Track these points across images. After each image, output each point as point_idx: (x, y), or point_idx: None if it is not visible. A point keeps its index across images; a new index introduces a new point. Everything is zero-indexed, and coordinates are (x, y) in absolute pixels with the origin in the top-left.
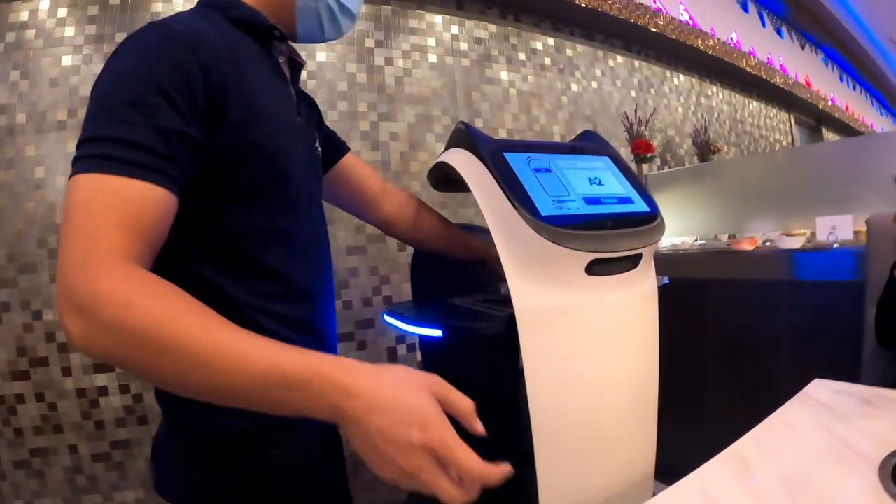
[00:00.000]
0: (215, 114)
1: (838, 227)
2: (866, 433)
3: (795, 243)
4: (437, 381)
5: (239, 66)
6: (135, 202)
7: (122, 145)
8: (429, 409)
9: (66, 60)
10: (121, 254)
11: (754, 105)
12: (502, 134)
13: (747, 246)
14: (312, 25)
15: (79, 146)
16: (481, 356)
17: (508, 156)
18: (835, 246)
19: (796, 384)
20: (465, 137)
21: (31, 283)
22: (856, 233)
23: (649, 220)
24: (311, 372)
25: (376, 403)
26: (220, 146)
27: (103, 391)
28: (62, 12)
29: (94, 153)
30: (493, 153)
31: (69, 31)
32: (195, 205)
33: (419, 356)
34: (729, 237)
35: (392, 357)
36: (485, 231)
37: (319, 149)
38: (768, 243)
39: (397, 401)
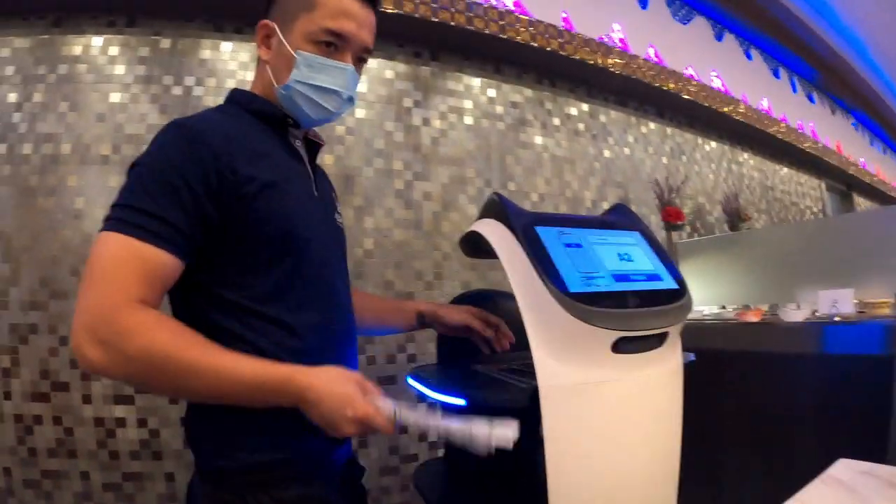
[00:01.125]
0: (228, 189)
1: (839, 302)
2: None
3: (798, 316)
4: (358, 376)
5: (252, 149)
6: (152, 263)
7: (148, 216)
8: (355, 394)
9: (115, 97)
10: (139, 300)
11: (785, 171)
12: (534, 198)
13: (752, 318)
14: (296, 111)
15: (113, 208)
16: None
17: (540, 230)
18: (836, 319)
19: (820, 462)
20: (498, 208)
21: (61, 309)
22: (866, 304)
23: (677, 297)
24: (283, 378)
25: (323, 394)
26: (236, 215)
27: (121, 422)
28: (114, 50)
29: (126, 218)
30: (525, 227)
31: (119, 69)
32: (216, 266)
33: None
34: (743, 307)
35: None
36: (510, 297)
37: (341, 218)
38: (771, 315)
39: (335, 391)
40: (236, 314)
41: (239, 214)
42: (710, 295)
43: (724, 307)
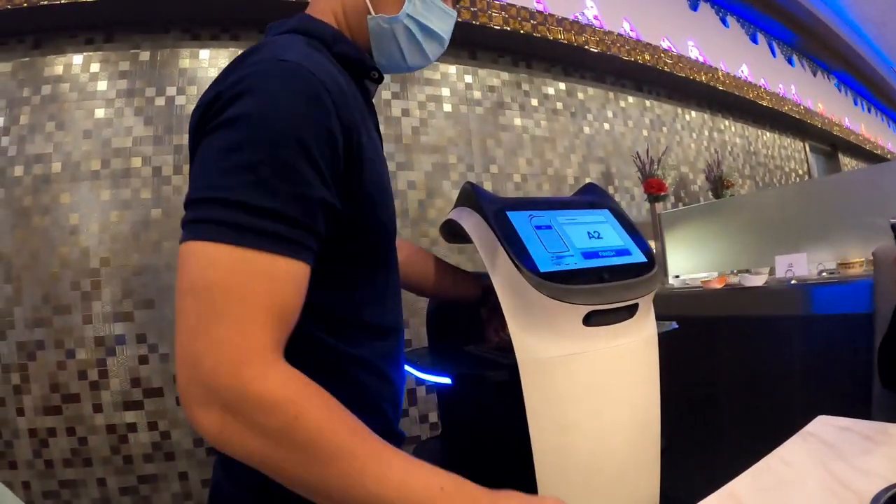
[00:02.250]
0: (351, 177)
1: (794, 265)
2: (862, 469)
3: (759, 281)
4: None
5: (364, 123)
6: (281, 283)
7: (261, 215)
8: None
9: (99, 113)
10: (272, 349)
11: (768, 136)
12: (517, 179)
13: (716, 285)
14: (391, 51)
15: (210, 204)
16: (490, 400)
17: (511, 214)
18: (792, 282)
19: (808, 419)
20: (471, 197)
21: (65, 324)
22: (846, 264)
23: (645, 269)
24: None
25: None
26: (350, 211)
27: (132, 427)
28: (95, 67)
29: (240, 221)
30: (497, 213)
31: (102, 84)
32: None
33: (437, 398)
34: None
35: (412, 398)
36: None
37: None
38: (732, 282)
39: None
40: (332, 322)
41: (351, 208)
42: (696, 263)
43: (732, 272)
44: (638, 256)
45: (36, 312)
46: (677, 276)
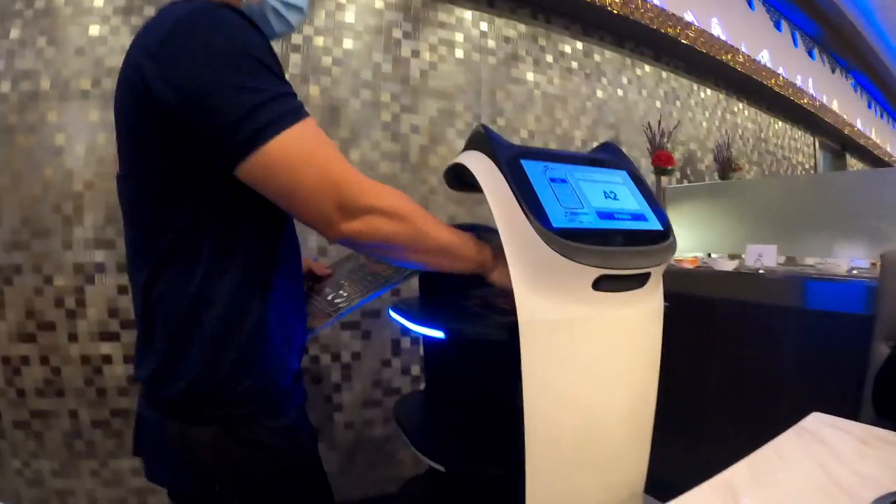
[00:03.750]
0: None
1: (764, 255)
2: (860, 474)
3: (729, 266)
4: None
5: None
6: (322, 132)
7: (293, 97)
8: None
9: (94, 30)
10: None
11: (779, 125)
12: (524, 135)
13: (688, 264)
14: (263, 25)
15: (260, 109)
16: (482, 360)
17: (525, 163)
18: (760, 271)
19: (796, 413)
20: (483, 140)
21: (44, 248)
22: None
23: (661, 238)
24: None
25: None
26: None
27: (107, 359)
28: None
29: (288, 108)
30: (510, 159)
31: (98, 1)
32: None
33: (422, 350)
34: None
35: (396, 349)
36: (494, 232)
37: None
38: (705, 263)
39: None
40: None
41: None
42: (695, 242)
43: (709, 255)
44: (654, 223)
45: (15, 235)
46: (741, 258)
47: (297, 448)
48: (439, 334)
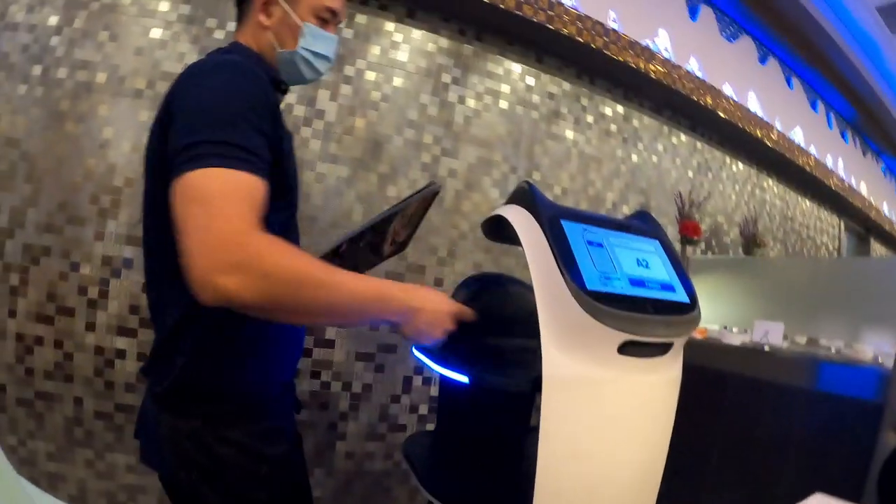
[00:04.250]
0: (276, 129)
1: (770, 333)
2: None
3: (736, 340)
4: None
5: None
6: (257, 191)
7: (240, 149)
8: (444, 297)
9: (155, 33)
10: (258, 227)
11: (807, 205)
12: (557, 191)
13: (697, 335)
14: (293, 72)
15: (197, 144)
16: (500, 406)
17: (565, 224)
18: (766, 348)
19: (796, 491)
20: (527, 197)
21: (76, 235)
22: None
23: (687, 310)
24: (396, 290)
25: (426, 300)
26: (275, 156)
27: (121, 354)
28: None
29: (223, 153)
30: (552, 218)
31: (164, 5)
32: None
33: (433, 390)
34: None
35: (407, 386)
36: (518, 283)
37: None
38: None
39: (431, 296)
40: None
41: (275, 156)
42: (714, 314)
43: (725, 327)
44: (682, 295)
45: (49, 217)
46: (745, 331)
47: (274, 452)
48: (464, 379)
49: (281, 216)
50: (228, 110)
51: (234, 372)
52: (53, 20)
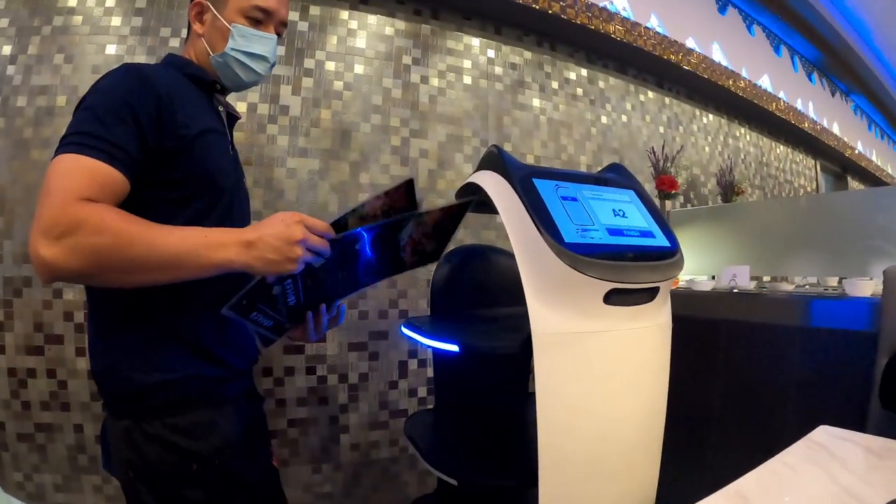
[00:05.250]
0: (169, 129)
1: (738, 276)
2: (869, 482)
3: (707, 286)
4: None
5: (190, 102)
6: (101, 175)
7: (100, 139)
8: (290, 214)
9: (111, 49)
10: (89, 198)
11: (781, 149)
12: (530, 160)
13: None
14: (229, 75)
15: (65, 137)
16: (495, 374)
17: (537, 182)
18: (734, 290)
19: (801, 430)
20: (496, 161)
21: None
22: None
23: (669, 255)
24: (226, 231)
25: (262, 226)
26: (171, 152)
27: None
28: (110, 2)
29: (78, 142)
30: (523, 178)
31: (115, 20)
32: (145, 195)
33: (430, 372)
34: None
35: (403, 371)
36: (501, 252)
37: (246, 183)
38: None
39: (272, 220)
40: None
41: (174, 152)
42: (698, 264)
43: (713, 277)
44: (662, 240)
45: (25, 248)
46: (713, 278)
47: (203, 448)
48: (454, 348)
49: (200, 207)
50: (103, 107)
51: (147, 364)
52: (7, 49)
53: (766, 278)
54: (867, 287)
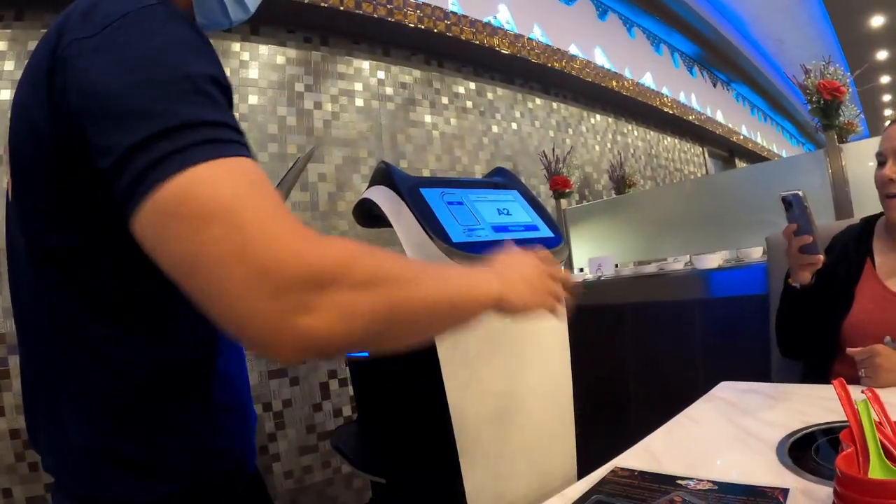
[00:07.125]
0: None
1: (602, 265)
2: (767, 422)
3: (579, 277)
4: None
5: None
6: (262, 176)
7: (228, 128)
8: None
9: (4, 94)
10: (309, 230)
11: (669, 140)
12: (426, 174)
13: None
14: (213, 9)
15: (165, 136)
16: (408, 370)
17: (424, 191)
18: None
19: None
20: (386, 176)
21: None
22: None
23: (553, 243)
24: (486, 273)
25: (514, 264)
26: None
27: None
28: (2, 45)
29: (217, 137)
30: (411, 189)
31: (9, 65)
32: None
33: (351, 390)
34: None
35: (325, 392)
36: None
37: None
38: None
39: (521, 259)
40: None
41: None
42: (602, 255)
43: (616, 266)
44: (546, 232)
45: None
46: (581, 270)
47: None
48: (363, 354)
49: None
50: (184, 80)
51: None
52: None
53: (633, 264)
54: (713, 260)
